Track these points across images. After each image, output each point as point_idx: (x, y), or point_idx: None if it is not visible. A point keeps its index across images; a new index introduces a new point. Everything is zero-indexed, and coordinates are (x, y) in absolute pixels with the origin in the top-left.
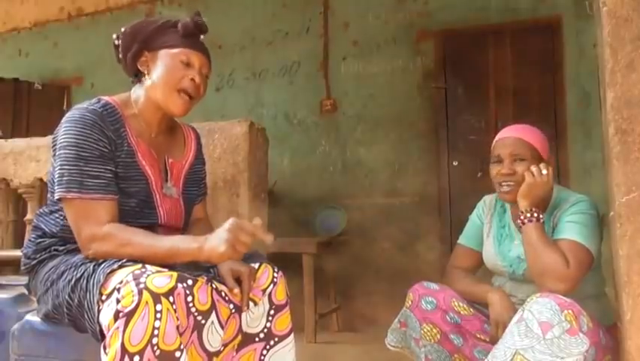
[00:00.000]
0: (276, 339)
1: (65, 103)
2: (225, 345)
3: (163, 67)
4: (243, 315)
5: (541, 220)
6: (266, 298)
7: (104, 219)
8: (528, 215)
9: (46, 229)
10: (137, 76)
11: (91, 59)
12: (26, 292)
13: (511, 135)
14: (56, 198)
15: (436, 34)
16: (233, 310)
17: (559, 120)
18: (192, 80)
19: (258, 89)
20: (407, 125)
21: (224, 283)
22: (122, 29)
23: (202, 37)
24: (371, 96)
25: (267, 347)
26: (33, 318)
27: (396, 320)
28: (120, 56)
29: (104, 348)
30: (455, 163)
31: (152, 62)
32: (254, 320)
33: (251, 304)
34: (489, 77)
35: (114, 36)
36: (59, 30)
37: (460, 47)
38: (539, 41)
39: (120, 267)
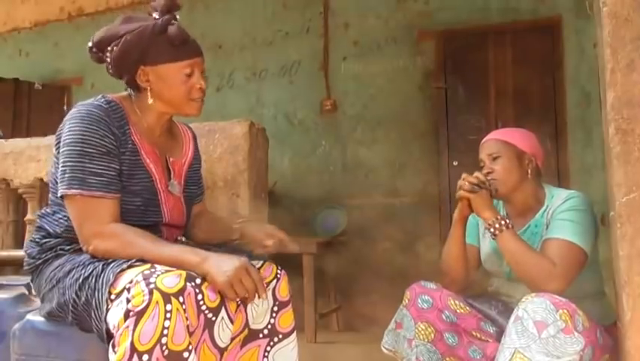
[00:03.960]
0: (280, 336)
1: (65, 103)
2: (232, 338)
3: (169, 85)
4: (249, 310)
5: (511, 225)
6: (270, 294)
7: (105, 218)
8: (497, 225)
9: (50, 230)
10: (135, 87)
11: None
12: (26, 292)
13: (486, 139)
14: (59, 195)
15: (437, 34)
16: (239, 303)
17: (559, 120)
18: (200, 88)
19: (258, 89)
20: (407, 125)
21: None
22: (110, 47)
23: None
24: (371, 96)
25: (271, 343)
26: (34, 318)
27: (393, 320)
28: (110, 69)
29: (113, 347)
30: (455, 163)
31: (152, 76)
32: (259, 315)
33: (255, 297)
34: (489, 77)
35: (89, 44)
36: (59, 30)
37: (460, 47)
38: (539, 41)
39: (129, 267)
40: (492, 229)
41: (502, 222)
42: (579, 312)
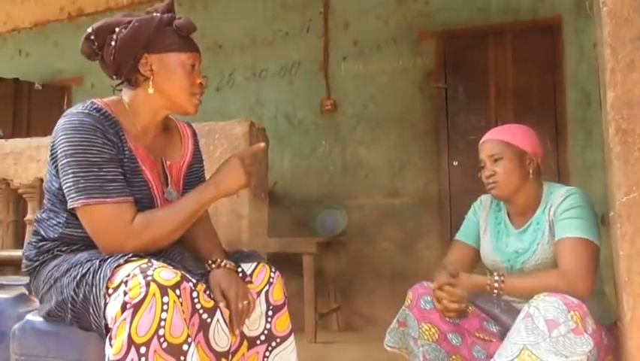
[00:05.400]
0: (278, 340)
1: (65, 103)
2: (233, 353)
3: (175, 73)
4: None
5: (500, 276)
6: (262, 299)
7: (130, 218)
8: (495, 285)
9: (45, 235)
10: (132, 79)
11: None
12: (26, 292)
13: (487, 139)
14: (77, 205)
15: (437, 34)
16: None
17: (559, 120)
18: (201, 83)
19: (258, 89)
20: (407, 125)
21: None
22: (118, 29)
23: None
24: (371, 96)
25: (269, 348)
26: (34, 318)
27: (395, 319)
28: (111, 57)
29: (110, 340)
30: (455, 163)
31: (157, 65)
32: (253, 322)
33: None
34: (489, 77)
35: (89, 30)
36: (59, 30)
37: (460, 47)
38: (539, 41)
39: (126, 261)
40: (494, 291)
41: (496, 278)
42: (589, 314)
